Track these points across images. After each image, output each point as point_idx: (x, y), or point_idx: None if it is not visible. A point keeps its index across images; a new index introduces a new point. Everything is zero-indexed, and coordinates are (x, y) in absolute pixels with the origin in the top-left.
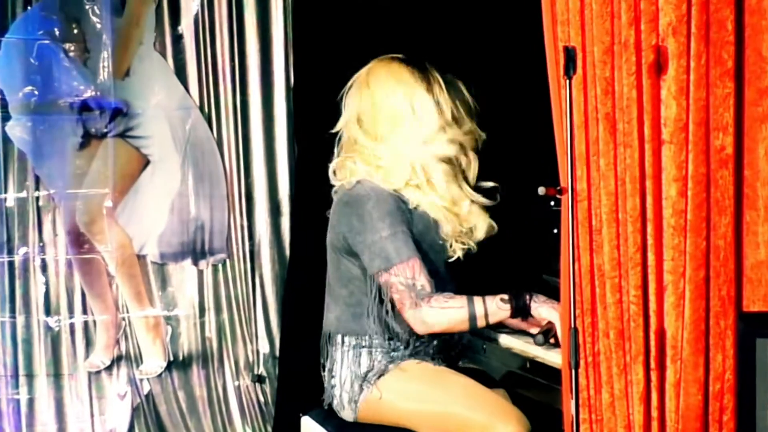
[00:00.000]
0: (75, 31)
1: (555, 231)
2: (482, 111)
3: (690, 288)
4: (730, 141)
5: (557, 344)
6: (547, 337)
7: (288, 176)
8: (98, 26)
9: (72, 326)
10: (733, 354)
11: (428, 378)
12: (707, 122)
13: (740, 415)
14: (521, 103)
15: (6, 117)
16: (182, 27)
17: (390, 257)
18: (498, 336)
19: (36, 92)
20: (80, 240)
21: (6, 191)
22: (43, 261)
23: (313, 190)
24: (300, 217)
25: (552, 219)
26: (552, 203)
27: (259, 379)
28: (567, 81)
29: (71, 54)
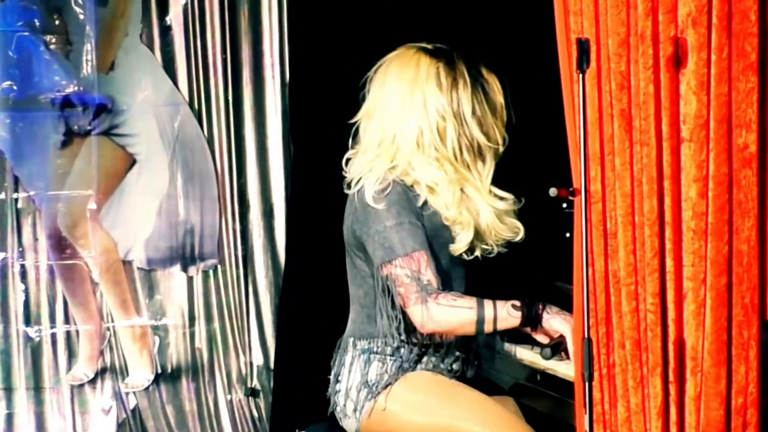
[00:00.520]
0: (56, 22)
1: (567, 235)
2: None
3: (711, 295)
4: (754, 139)
5: (567, 359)
6: (556, 351)
7: (283, 177)
8: (81, 17)
9: (53, 336)
10: (757, 366)
11: (437, 390)
12: (729, 119)
13: (764, 431)
14: (532, 99)
15: None
16: (170, 18)
17: (394, 248)
18: (511, 348)
19: (15, 87)
20: (62, 245)
21: None
22: (23, 267)
23: (310, 192)
24: (296, 220)
25: (564, 222)
26: (564, 205)
27: (253, 393)
28: (580, 75)
29: (52, 46)
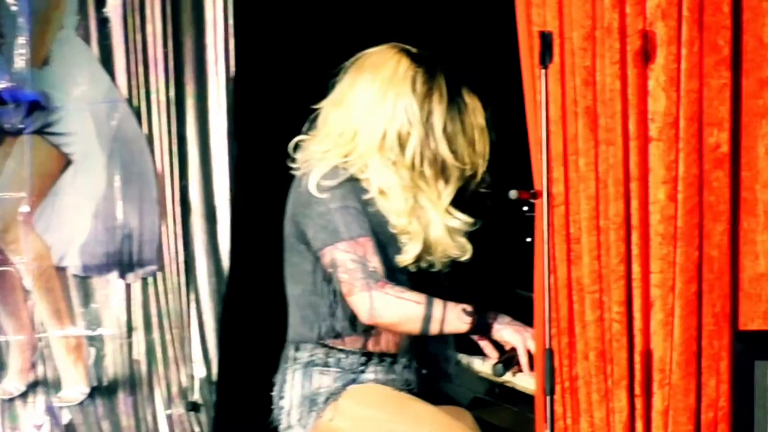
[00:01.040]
0: None
1: (528, 240)
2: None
3: (680, 304)
4: (726, 138)
5: (520, 371)
6: (509, 366)
7: (227, 178)
8: (13, 8)
9: None
10: (728, 378)
11: (386, 404)
12: (700, 117)
13: None
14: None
15: None
16: (108, 9)
17: (338, 230)
18: (464, 357)
19: None
20: None
21: None
22: None
23: (255, 194)
24: (240, 224)
25: (525, 226)
26: (525, 208)
27: (194, 408)
28: (542, 70)
29: None
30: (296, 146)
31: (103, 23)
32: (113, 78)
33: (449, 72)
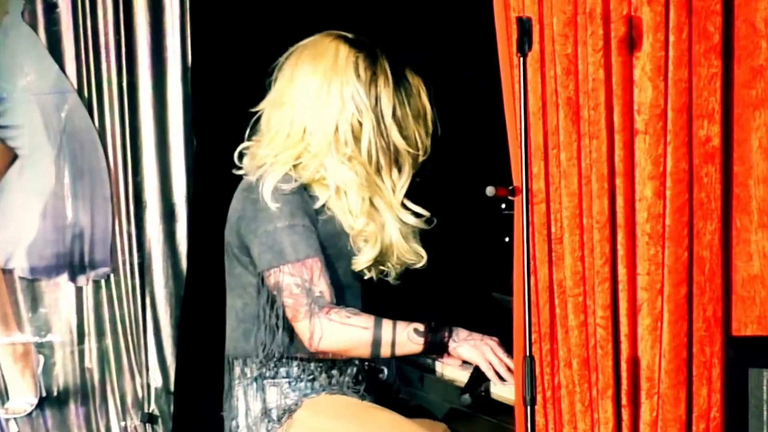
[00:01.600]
0: None
1: (507, 239)
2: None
3: (669, 308)
4: (717, 131)
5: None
6: (476, 389)
7: (185, 174)
8: None
9: None
10: (721, 387)
11: (348, 414)
12: (689, 108)
13: None
14: (465, 86)
15: None
16: None
17: (284, 252)
18: (441, 366)
19: None
20: None
21: None
22: None
23: (216, 191)
24: (199, 223)
25: (503, 225)
26: (503, 206)
27: (150, 419)
28: (521, 59)
29: None
30: (241, 154)
31: (51, 8)
32: (62, 67)
33: (390, 53)
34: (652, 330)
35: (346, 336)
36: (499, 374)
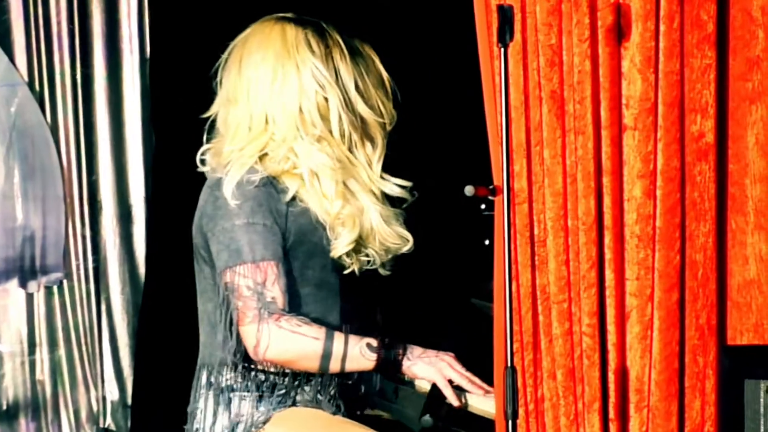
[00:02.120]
0: None
1: (487, 242)
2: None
3: (659, 315)
4: (711, 126)
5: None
6: (439, 411)
7: (143, 173)
8: None
9: None
10: (715, 400)
11: (319, 430)
12: (681, 102)
13: None
14: (442, 79)
15: None
16: None
17: (240, 251)
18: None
19: None
20: None
21: None
22: None
23: (176, 191)
24: (158, 226)
25: (483, 227)
26: (483, 206)
27: None
28: (501, 49)
29: None
30: (203, 158)
31: None
32: (12, 58)
33: (338, 26)
34: (642, 339)
35: (295, 346)
36: (461, 387)
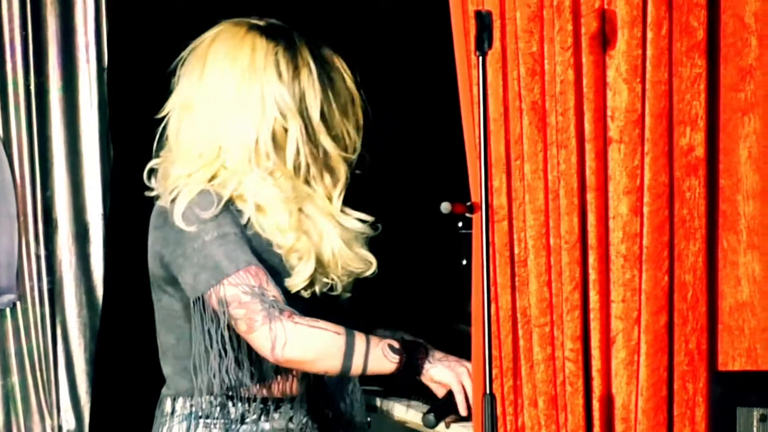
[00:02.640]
0: None
1: (464, 262)
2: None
3: (647, 339)
4: (701, 139)
5: (464, 418)
6: (443, 414)
7: (100, 188)
8: None
9: None
10: (705, 428)
11: None
12: (670, 114)
13: None
14: (417, 90)
15: None
16: None
17: (221, 265)
18: (387, 405)
19: None
20: None
21: None
22: None
23: (136, 208)
24: (117, 245)
25: (460, 246)
26: (460, 224)
27: None
28: (480, 58)
29: None
30: (150, 173)
31: None
32: None
33: (308, 36)
34: (628, 364)
35: (317, 342)
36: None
